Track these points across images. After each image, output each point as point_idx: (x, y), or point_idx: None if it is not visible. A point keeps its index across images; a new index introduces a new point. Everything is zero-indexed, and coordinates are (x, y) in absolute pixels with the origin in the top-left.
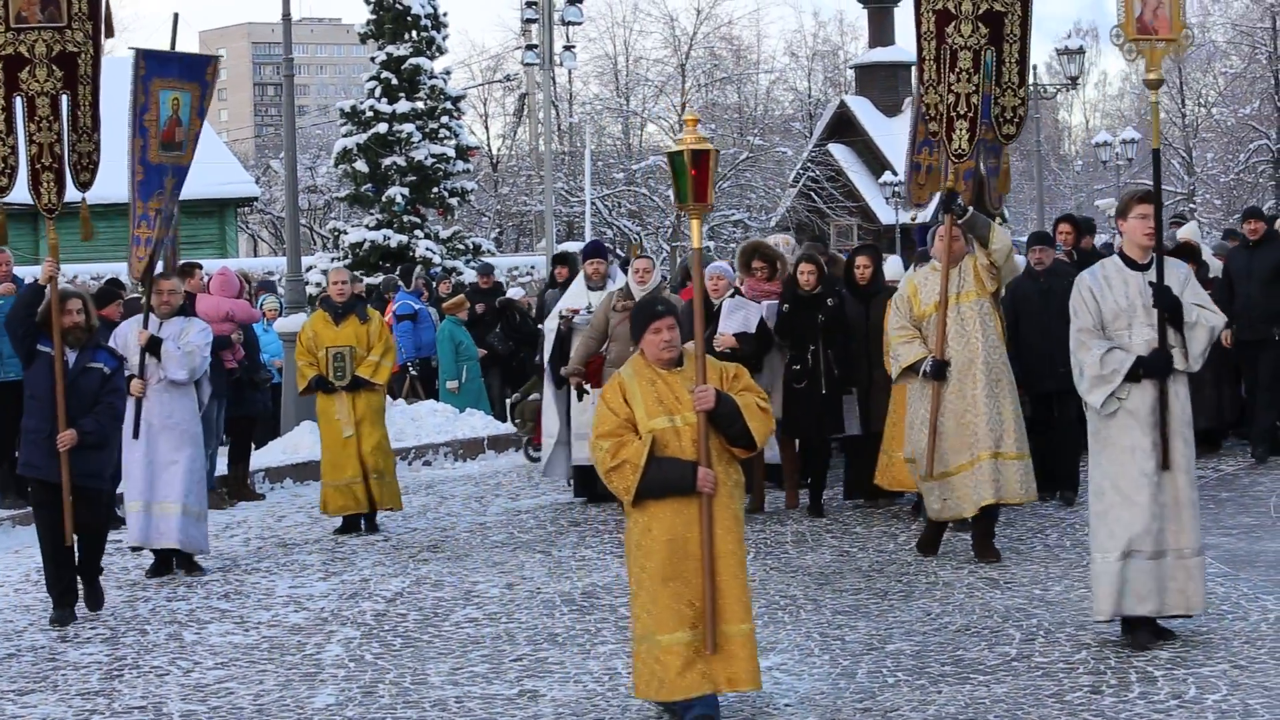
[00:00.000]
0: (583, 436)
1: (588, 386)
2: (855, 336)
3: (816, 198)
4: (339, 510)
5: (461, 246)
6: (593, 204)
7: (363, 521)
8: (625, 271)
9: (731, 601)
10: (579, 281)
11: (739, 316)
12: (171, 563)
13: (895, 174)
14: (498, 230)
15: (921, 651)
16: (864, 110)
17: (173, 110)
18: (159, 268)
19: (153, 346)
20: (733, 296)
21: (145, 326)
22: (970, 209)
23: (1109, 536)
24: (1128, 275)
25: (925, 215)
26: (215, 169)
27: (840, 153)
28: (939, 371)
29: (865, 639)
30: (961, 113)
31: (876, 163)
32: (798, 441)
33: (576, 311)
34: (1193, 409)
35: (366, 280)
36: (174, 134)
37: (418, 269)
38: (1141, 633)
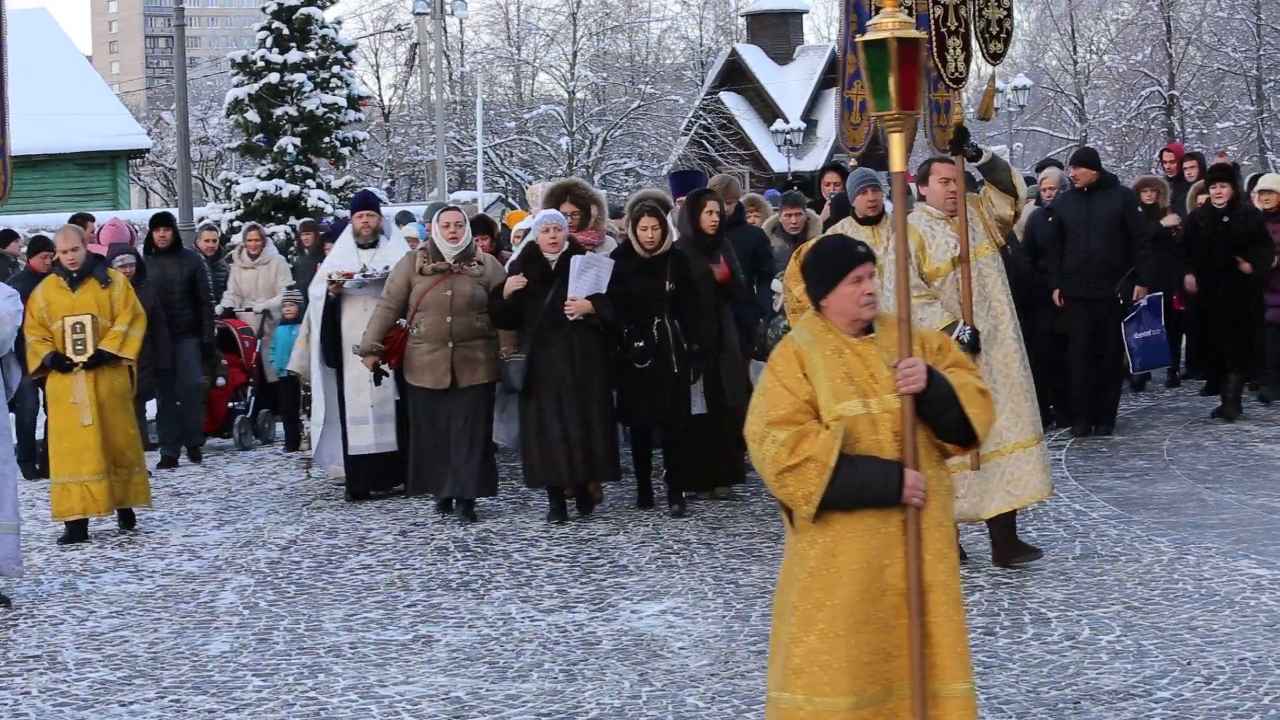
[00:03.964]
0: (361, 421)
1: (386, 367)
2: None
3: (708, 146)
4: (69, 513)
5: (353, 196)
6: (485, 153)
7: (118, 520)
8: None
9: (944, 652)
10: (346, 238)
11: (590, 276)
12: None
13: (787, 122)
14: (390, 180)
15: None
16: (755, 58)
17: None
18: None
19: None
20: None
21: None
22: (985, 150)
23: None
24: None
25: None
26: (107, 120)
27: (732, 101)
28: (976, 342)
29: (759, 582)
30: (952, 28)
31: (768, 110)
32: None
33: (350, 275)
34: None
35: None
36: None
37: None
38: None
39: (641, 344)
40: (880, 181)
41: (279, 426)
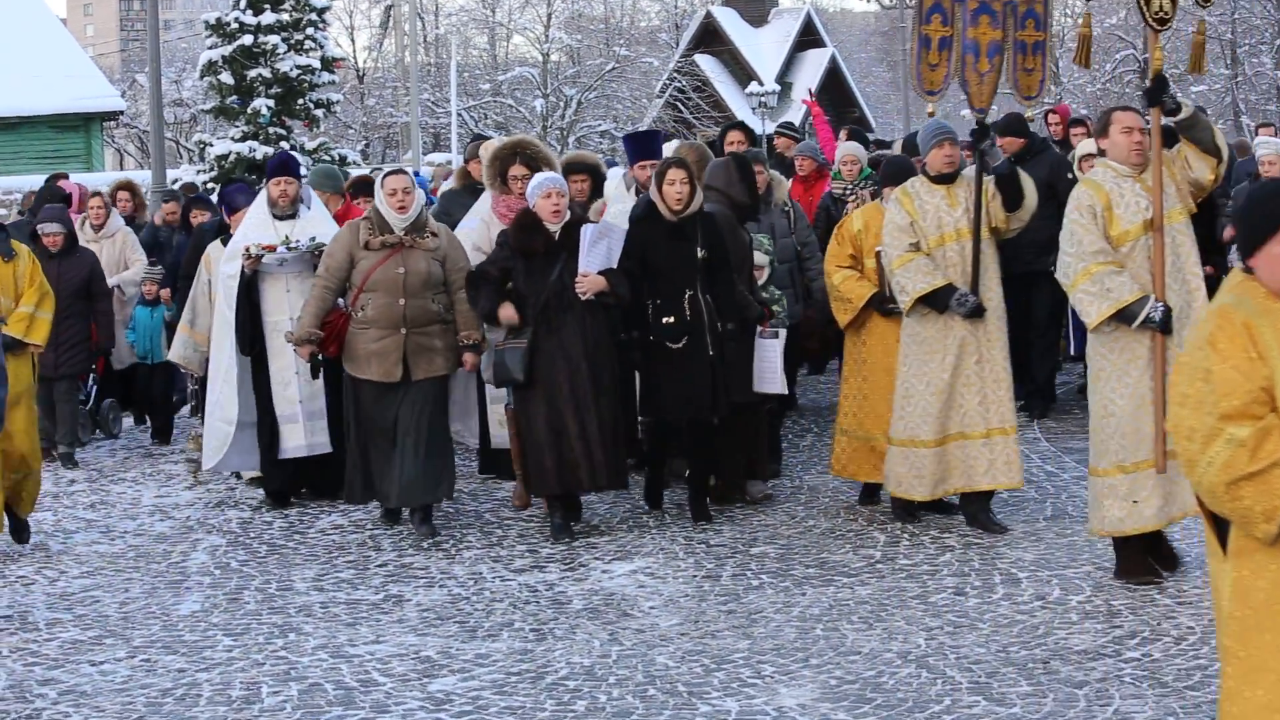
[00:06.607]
0: (291, 419)
1: (327, 358)
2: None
3: (683, 108)
4: None
5: (327, 158)
6: (459, 116)
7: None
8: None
9: None
10: (259, 208)
11: (603, 248)
12: None
13: (761, 84)
14: (364, 142)
15: (786, 554)
16: (730, 21)
17: None
18: None
19: None
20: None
21: None
22: (1186, 103)
23: None
24: None
25: (942, 106)
26: (80, 83)
27: (707, 63)
28: (1168, 322)
29: (730, 542)
30: None
31: (743, 73)
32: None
33: (272, 249)
34: None
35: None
36: None
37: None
38: None
39: (671, 320)
40: (956, 133)
41: (127, 420)
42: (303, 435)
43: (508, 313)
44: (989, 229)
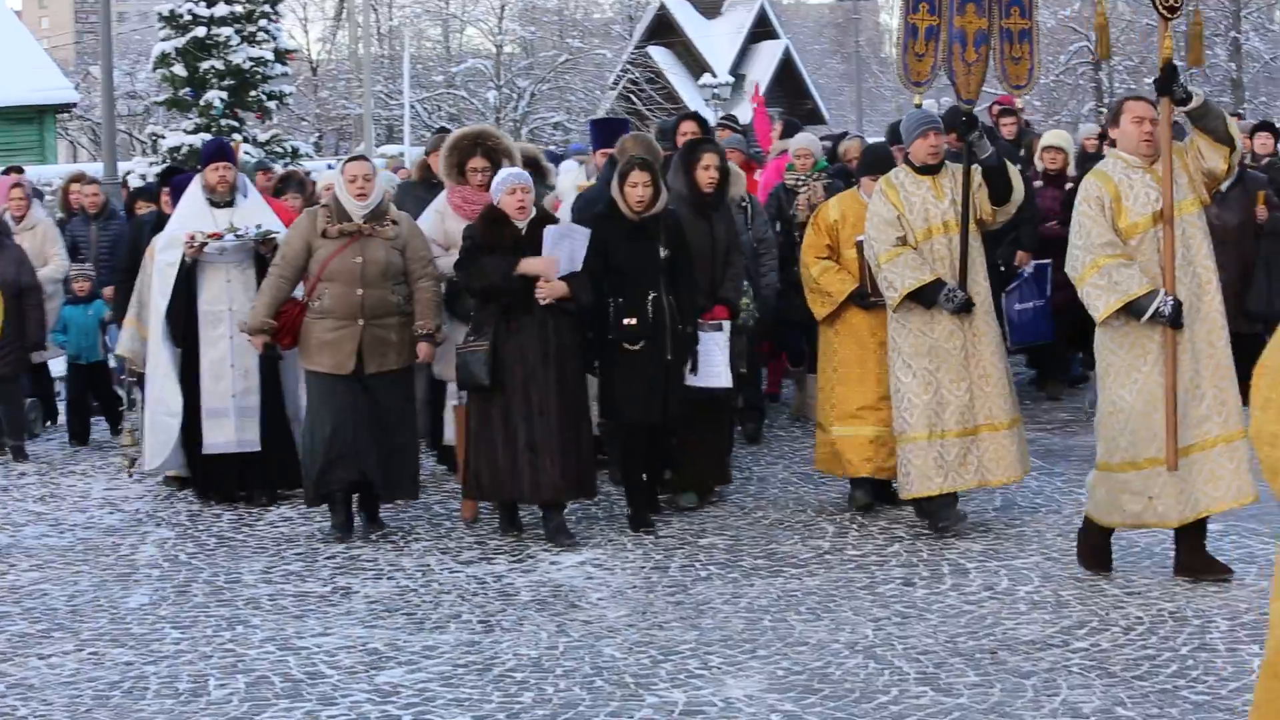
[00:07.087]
0: (220, 414)
1: (280, 349)
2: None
3: (636, 100)
4: None
5: (280, 150)
6: (412, 107)
7: None
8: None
9: None
10: (194, 195)
11: (565, 250)
12: None
13: (714, 76)
14: (317, 134)
15: (734, 545)
16: (683, 12)
17: None
18: None
19: None
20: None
21: None
22: (1197, 92)
23: None
24: None
25: (930, 96)
26: (34, 74)
27: (660, 55)
28: (1178, 316)
29: (678, 533)
30: None
31: (696, 65)
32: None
33: (217, 236)
34: None
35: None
36: None
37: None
38: None
39: (633, 322)
40: (941, 123)
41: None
42: (232, 431)
43: (532, 262)
44: (974, 221)
